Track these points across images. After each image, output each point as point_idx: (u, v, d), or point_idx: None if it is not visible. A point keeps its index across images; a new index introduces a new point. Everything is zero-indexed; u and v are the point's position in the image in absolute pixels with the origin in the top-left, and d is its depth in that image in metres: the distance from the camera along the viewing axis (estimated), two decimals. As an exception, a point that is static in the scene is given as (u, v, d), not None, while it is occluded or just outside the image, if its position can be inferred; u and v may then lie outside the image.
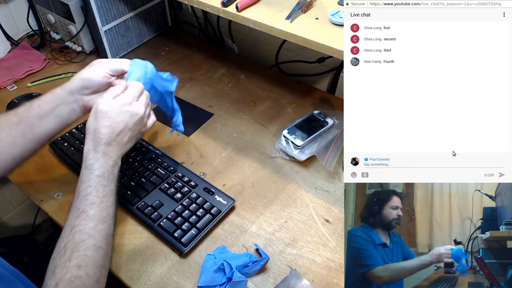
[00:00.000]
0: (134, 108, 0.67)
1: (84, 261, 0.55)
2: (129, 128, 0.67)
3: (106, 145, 0.64)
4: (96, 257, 0.57)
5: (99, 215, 0.59)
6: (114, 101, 0.65)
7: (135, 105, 0.67)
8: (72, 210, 0.59)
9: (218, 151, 0.94)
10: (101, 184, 0.61)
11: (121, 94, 0.67)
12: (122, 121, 0.65)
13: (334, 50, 0.66)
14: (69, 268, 0.54)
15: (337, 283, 0.71)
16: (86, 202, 0.59)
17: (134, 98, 0.68)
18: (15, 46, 1.22)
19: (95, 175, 0.61)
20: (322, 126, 0.94)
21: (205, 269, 0.71)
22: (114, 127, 0.64)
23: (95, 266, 0.56)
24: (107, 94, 0.67)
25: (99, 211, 0.59)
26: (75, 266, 0.54)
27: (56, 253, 0.56)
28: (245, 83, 1.13)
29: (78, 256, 0.55)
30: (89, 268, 0.55)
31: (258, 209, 0.83)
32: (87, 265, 0.55)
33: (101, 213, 0.59)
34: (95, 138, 0.64)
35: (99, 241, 0.58)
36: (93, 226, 0.58)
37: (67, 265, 0.54)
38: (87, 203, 0.59)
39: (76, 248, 0.56)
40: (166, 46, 1.27)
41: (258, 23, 0.73)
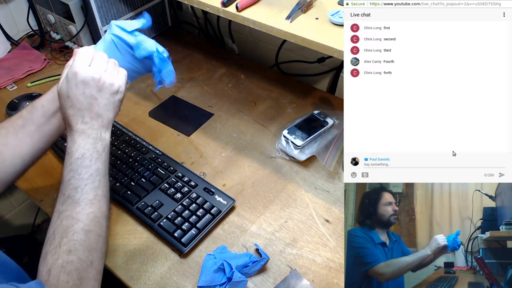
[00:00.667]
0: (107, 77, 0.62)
1: (74, 245, 0.54)
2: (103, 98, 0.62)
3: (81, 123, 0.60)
4: (87, 241, 0.56)
5: (85, 197, 0.57)
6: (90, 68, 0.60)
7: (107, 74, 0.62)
8: (58, 196, 0.58)
9: (218, 151, 0.94)
10: (83, 166, 0.59)
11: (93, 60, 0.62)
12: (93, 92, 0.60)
13: (334, 50, 0.66)
14: (60, 254, 0.53)
15: (337, 283, 0.71)
16: (70, 187, 0.57)
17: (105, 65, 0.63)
18: (15, 46, 1.22)
19: (75, 158, 0.59)
20: (322, 126, 0.94)
21: (205, 269, 0.71)
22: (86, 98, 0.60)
23: (86, 250, 0.55)
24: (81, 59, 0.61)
25: (85, 193, 0.57)
26: (65, 251, 0.54)
27: (47, 239, 0.55)
28: (245, 83, 1.13)
29: (67, 241, 0.54)
30: (80, 252, 0.54)
31: (258, 209, 0.83)
32: (77, 249, 0.54)
33: (86, 196, 0.57)
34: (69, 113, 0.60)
35: (87, 224, 0.56)
36: (79, 210, 0.56)
37: (57, 250, 0.54)
38: (71, 187, 0.57)
39: (65, 233, 0.55)
40: (166, 46, 1.26)
41: (258, 23, 0.73)
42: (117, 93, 0.63)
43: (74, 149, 0.59)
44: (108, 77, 0.61)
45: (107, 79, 0.61)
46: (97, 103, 0.61)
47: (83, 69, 0.60)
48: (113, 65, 0.63)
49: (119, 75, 0.64)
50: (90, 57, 0.61)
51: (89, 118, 0.60)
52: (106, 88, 0.61)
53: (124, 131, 0.95)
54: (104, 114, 0.62)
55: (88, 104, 0.60)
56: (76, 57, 0.61)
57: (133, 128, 0.98)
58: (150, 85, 1.12)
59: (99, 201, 0.59)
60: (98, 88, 0.60)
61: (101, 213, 0.59)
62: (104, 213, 0.60)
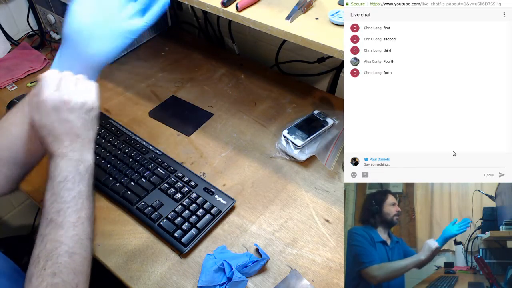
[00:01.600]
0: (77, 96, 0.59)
1: (59, 268, 0.54)
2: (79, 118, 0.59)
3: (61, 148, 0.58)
4: (71, 263, 0.55)
5: (68, 221, 0.57)
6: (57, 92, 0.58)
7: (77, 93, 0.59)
8: (41, 220, 0.58)
9: (218, 151, 0.94)
10: (66, 189, 0.57)
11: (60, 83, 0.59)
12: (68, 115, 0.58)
13: (334, 50, 0.66)
14: (44, 277, 0.53)
15: (337, 283, 0.71)
16: (53, 210, 0.57)
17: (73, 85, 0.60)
18: (15, 46, 1.22)
19: (57, 181, 0.58)
20: (322, 126, 0.94)
21: (205, 269, 0.71)
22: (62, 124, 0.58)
23: (71, 273, 0.55)
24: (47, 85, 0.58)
25: (67, 216, 0.57)
26: (50, 274, 0.53)
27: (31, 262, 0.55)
28: (245, 83, 1.13)
29: (52, 264, 0.54)
30: (65, 275, 0.54)
31: (258, 209, 0.83)
32: (62, 272, 0.54)
33: (69, 218, 0.57)
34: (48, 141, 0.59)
35: (71, 247, 0.56)
36: (63, 233, 0.56)
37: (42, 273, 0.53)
38: (54, 211, 0.57)
39: (49, 256, 0.54)
40: (166, 46, 1.27)
41: (258, 23, 0.73)
42: (91, 110, 0.60)
43: (56, 173, 0.58)
44: (78, 97, 0.59)
45: (78, 99, 0.58)
46: (73, 125, 0.59)
47: (51, 95, 0.57)
48: (81, 82, 0.60)
49: (90, 91, 0.61)
50: (56, 81, 0.59)
51: (69, 141, 0.59)
52: (78, 109, 0.59)
53: (124, 131, 0.95)
54: (82, 134, 0.60)
55: (65, 129, 0.58)
56: (41, 84, 0.58)
57: (133, 128, 0.98)
58: (150, 85, 1.12)
59: (82, 224, 0.58)
60: (70, 110, 0.58)
61: (85, 235, 0.58)
62: (88, 235, 0.59)
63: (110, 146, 0.91)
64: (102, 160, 0.88)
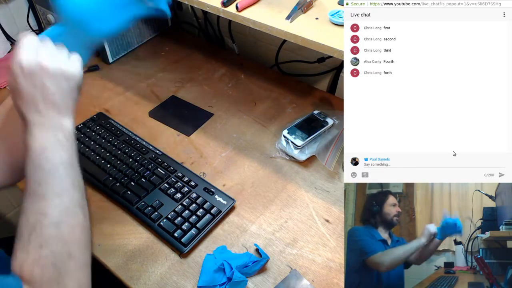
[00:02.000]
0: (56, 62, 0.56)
1: (44, 239, 0.52)
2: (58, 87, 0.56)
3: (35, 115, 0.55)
4: (59, 234, 0.53)
5: (50, 190, 0.54)
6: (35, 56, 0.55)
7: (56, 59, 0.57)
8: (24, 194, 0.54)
9: (218, 151, 0.94)
10: (45, 159, 0.54)
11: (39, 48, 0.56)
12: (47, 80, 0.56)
13: (334, 50, 0.66)
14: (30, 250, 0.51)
15: (337, 283, 0.71)
16: (33, 182, 0.53)
17: None
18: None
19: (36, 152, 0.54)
20: (322, 126, 0.94)
21: (205, 269, 0.71)
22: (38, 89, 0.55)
23: (59, 243, 0.52)
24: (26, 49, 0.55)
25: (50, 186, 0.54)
26: (36, 246, 0.51)
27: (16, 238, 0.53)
28: (245, 83, 1.13)
29: (36, 237, 0.52)
30: (53, 246, 0.52)
31: (258, 209, 0.83)
32: (49, 243, 0.51)
33: (52, 188, 0.54)
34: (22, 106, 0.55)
35: (56, 217, 0.53)
36: (45, 204, 0.53)
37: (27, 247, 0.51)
38: (34, 182, 0.53)
39: (33, 229, 0.52)
40: (166, 46, 1.27)
41: (258, 23, 0.73)
42: (71, 79, 0.57)
43: (34, 144, 0.54)
44: (57, 63, 0.55)
45: (57, 65, 0.55)
46: (49, 91, 0.55)
47: (28, 58, 0.54)
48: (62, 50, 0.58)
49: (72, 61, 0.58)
50: (35, 45, 0.55)
51: (44, 108, 0.55)
52: (57, 75, 0.55)
53: (124, 131, 0.95)
54: (60, 102, 0.56)
55: (40, 94, 0.55)
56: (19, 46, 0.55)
57: (133, 128, 0.98)
58: (150, 85, 1.12)
59: (67, 191, 0.55)
60: (48, 75, 0.55)
61: (73, 202, 0.55)
62: (77, 201, 0.55)
63: (110, 146, 0.91)
64: (102, 160, 0.88)
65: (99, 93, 1.09)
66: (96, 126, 0.96)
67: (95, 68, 1.16)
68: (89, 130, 0.95)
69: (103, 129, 0.95)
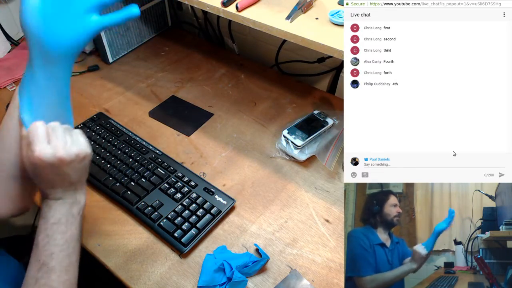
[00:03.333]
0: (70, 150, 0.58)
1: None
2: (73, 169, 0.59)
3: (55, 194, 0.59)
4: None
5: (60, 265, 0.58)
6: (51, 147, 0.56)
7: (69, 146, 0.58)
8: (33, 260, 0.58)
9: (218, 151, 0.94)
10: (59, 232, 0.58)
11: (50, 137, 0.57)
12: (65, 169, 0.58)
13: (334, 50, 0.66)
14: None
15: (337, 283, 0.71)
16: (46, 253, 0.57)
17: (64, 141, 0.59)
18: (15, 46, 1.22)
19: (51, 223, 0.58)
20: (322, 126, 0.94)
21: (205, 269, 0.71)
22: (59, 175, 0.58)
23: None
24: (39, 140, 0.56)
25: (60, 260, 0.58)
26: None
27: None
28: (245, 83, 1.13)
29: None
30: None
31: (258, 209, 0.83)
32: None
33: (62, 263, 0.58)
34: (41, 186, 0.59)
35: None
36: (55, 278, 0.57)
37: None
38: (46, 254, 0.57)
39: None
40: (166, 46, 1.27)
41: (258, 23, 0.73)
42: (84, 159, 0.59)
43: (50, 214, 0.58)
44: (71, 150, 0.57)
45: (71, 152, 0.57)
46: (68, 177, 0.58)
47: (45, 151, 0.55)
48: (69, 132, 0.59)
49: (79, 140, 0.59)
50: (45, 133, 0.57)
51: (63, 188, 0.59)
52: (73, 161, 0.58)
53: (124, 131, 0.95)
54: (76, 181, 0.60)
55: (60, 180, 0.58)
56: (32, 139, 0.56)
57: (133, 128, 0.98)
58: (150, 85, 1.12)
59: (73, 267, 0.60)
60: (66, 164, 0.57)
61: (75, 279, 0.60)
62: (76, 278, 0.60)
63: (110, 146, 0.91)
64: (102, 160, 0.88)
65: (99, 93, 1.09)
66: (96, 126, 0.96)
67: (95, 68, 1.16)
68: (89, 130, 0.95)
69: (103, 129, 0.95)
